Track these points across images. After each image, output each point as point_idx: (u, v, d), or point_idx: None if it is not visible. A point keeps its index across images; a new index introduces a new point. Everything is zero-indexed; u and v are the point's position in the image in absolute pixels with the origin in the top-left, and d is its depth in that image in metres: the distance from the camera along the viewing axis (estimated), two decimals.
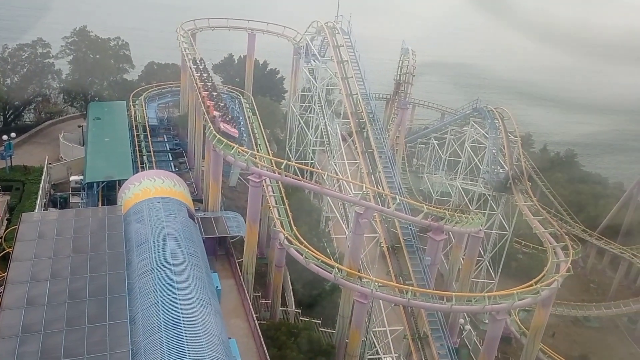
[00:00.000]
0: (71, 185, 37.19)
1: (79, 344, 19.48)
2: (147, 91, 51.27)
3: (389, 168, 33.86)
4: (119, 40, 52.17)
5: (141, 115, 46.02)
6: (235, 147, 25.78)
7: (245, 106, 46.57)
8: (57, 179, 39.42)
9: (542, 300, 26.62)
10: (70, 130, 45.95)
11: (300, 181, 25.71)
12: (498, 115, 39.48)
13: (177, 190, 30.10)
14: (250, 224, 27.41)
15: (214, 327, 21.80)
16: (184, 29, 45.79)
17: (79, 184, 36.42)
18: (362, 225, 25.82)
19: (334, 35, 38.52)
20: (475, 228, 30.39)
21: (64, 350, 18.96)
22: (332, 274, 25.55)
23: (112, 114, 43.04)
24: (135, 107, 47.31)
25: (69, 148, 42.96)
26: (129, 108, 46.22)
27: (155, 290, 22.60)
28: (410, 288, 25.27)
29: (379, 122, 37.57)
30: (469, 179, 44.83)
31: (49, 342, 19.25)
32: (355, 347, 26.76)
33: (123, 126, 41.68)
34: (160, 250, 24.93)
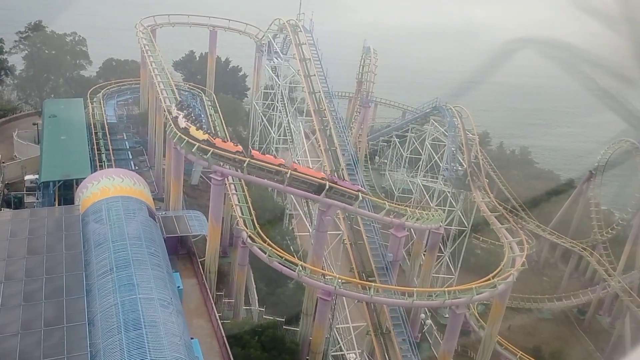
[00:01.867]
0: (26, 185, 36.06)
1: (34, 347, 18.97)
2: (106, 88, 50.16)
3: (351, 166, 34.16)
4: (75, 35, 50.87)
5: (99, 113, 44.98)
6: (197, 144, 25.54)
7: (207, 104, 46.12)
8: (11, 179, 38.20)
9: (499, 294, 27.41)
10: (24, 128, 44.54)
11: (263, 180, 25.64)
12: (457, 114, 40.32)
13: (137, 189, 29.60)
14: (212, 223, 27.21)
15: (175, 328, 21.58)
16: (144, 25, 44.98)
17: (34, 184, 35.39)
18: (326, 222, 26.00)
19: (296, 33, 38.55)
20: (435, 224, 30.99)
21: (19, 354, 18.45)
22: (295, 272, 25.64)
23: (68, 112, 41.85)
24: (93, 104, 46.20)
25: (23, 146, 41.67)
26: (86, 105, 45.11)
27: (115, 291, 22.21)
28: (372, 284, 25.61)
29: (342, 121, 37.85)
30: (430, 176, 45.62)
31: (3, 346, 18.70)
32: (319, 344, 26.94)
33: (80, 124, 40.60)
34: (120, 250, 24.49)
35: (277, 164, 24.98)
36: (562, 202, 57.07)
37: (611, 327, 46.35)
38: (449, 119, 39.93)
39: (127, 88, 51.50)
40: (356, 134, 49.47)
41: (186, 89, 50.25)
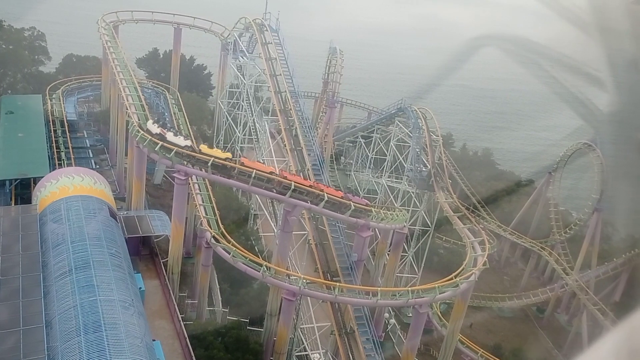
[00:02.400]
0: None
1: None
2: (66, 85, 48.86)
3: (317, 166, 34.20)
4: (34, 30, 49.37)
5: (59, 110, 43.77)
6: (160, 143, 25.12)
7: (170, 102, 45.43)
8: None
9: (461, 293, 27.88)
10: None
11: (228, 179, 25.41)
12: (421, 115, 40.83)
13: (98, 188, 28.97)
14: (175, 223, 26.82)
15: (137, 329, 21.28)
16: (106, 21, 43.99)
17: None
18: (291, 222, 25.95)
19: (262, 32, 38.36)
20: (399, 224, 31.31)
21: None
22: (260, 273, 25.51)
23: (26, 108, 40.62)
24: (52, 101, 44.93)
25: None
26: (45, 102, 43.86)
27: (74, 292, 21.77)
28: (337, 284, 25.70)
29: (308, 121, 37.84)
30: (394, 177, 46.05)
31: None
32: (283, 345, 26.88)
33: (39, 121, 39.48)
34: (80, 251, 23.99)
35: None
36: (522, 202, 58.41)
37: (568, 325, 47.71)
38: (414, 120, 40.42)
39: (88, 85, 50.27)
40: (322, 134, 49.55)
41: (149, 86, 49.41)
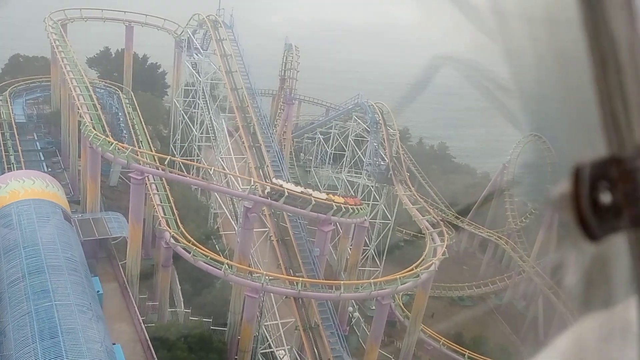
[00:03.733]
0: None
1: None
2: (13, 86, 47.08)
3: (277, 162, 34.09)
4: None
5: (6, 112, 42.22)
6: (114, 143, 24.53)
7: (124, 101, 44.40)
8: None
9: (422, 283, 28.35)
10: None
11: (185, 177, 25.05)
12: (378, 110, 41.22)
13: (50, 191, 28.14)
14: (133, 224, 26.27)
15: (95, 334, 20.87)
16: (53, 20, 42.60)
17: None
18: (251, 219, 25.79)
19: (216, 29, 37.91)
20: (360, 218, 31.54)
21: None
22: (221, 271, 25.26)
23: None
24: None
25: None
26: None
27: (28, 298, 21.20)
28: (300, 279, 25.70)
29: (266, 118, 37.61)
30: (354, 172, 46.36)
31: None
32: (247, 342, 26.72)
33: None
34: (33, 256, 23.33)
35: None
36: (478, 194, 59.78)
37: (525, 310, 49.16)
38: (371, 115, 40.78)
39: (36, 86, 48.62)
40: (280, 131, 49.44)
41: (102, 86, 48.19)
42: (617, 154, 0.79)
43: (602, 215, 0.79)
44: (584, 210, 0.79)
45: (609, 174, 0.77)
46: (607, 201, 0.78)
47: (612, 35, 0.77)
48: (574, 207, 0.80)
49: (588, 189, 0.79)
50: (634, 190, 0.77)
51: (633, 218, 0.78)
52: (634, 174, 0.77)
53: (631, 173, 0.77)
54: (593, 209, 0.79)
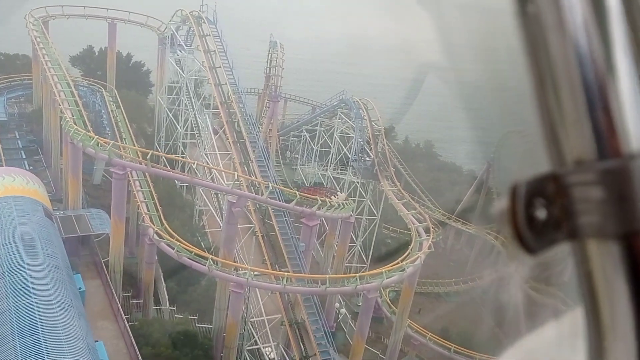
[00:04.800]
0: None
1: None
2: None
3: (261, 158, 33.91)
4: None
5: None
6: (95, 137, 24.21)
7: (107, 99, 43.96)
8: None
9: (408, 277, 28.30)
10: None
11: (168, 172, 24.80)
12: (363, 106, 41.20)
13: (31, 188, 27.76)
14: (115, 219, 25.94)
15: (77, 331, 20.64)
16: (34, 17, 42.05)
17: None
18: (236, 214, 25.58)
19: (199, 25, 37.64)
20: (346, 213, 31.47)
21: None
22: (206, 266, 25.03)
23: None
24: None
25: None
26: None
27: (8, 296, 20.94)
28: (285, 274, 25.54)
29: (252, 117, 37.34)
30: (340, 168, 46.30)
31: None
32: (233, 339, 26.49)
33: None
34: (13, 253, 23.05)
35: None
36: (464, 191, 60.02)
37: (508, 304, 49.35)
38: (355, 111, 40.74)
39: (18, 84, 47.96)
40: (266, 129, 49.24)
41: (85, 84, 47.69)
42: (555, 170, 0.85)
43: (539, 230, 0.85)
44: (520, 225, 0.86)
45: (546, 191, 0.84)
46: (543, 217, 0.85)
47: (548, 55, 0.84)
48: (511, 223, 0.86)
49: (523, 205, 0.85)
50: (569, 204, 0.83)
51: (570, 231, 0.85)
52: (570, 190, 0.83)
53: (567, 189, 0.83)
54: (529, 225, 0.86)
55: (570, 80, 0.84)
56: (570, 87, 0.84)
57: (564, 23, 0.83)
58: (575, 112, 0.84)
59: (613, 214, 0.80)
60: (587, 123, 0.83)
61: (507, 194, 0.88)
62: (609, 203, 0.80)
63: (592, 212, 0.82)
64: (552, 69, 0.84)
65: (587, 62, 0.82)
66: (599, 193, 0.81)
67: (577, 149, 0.84)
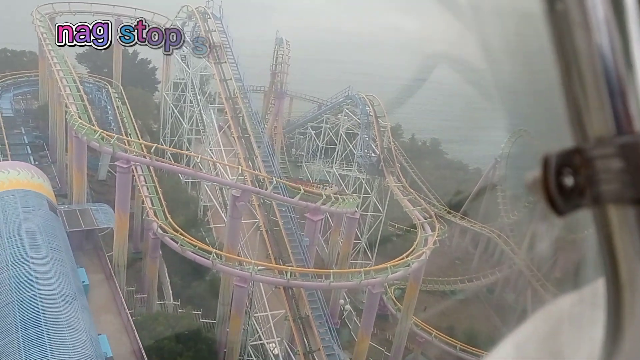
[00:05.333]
0: None
1: None
2: (0, 81, 46.57)
3: (266, 154, 33.82)
4: None
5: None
6: (99, 131, 24.20)
7: (113, 96, 44.00)
8: None
9: (413, 272, 28.09)
10: None
11: (172, 165, 24.75)
12: (369, 102, 41.02)
13: (36, 182, 27.82)
14: (119, 213, 25.92)
15: (80, 324, 20.66)
16: (41, 13, 42.15)
17: None
18: (240, 208, 25.48)
19: (205, 21, 37.62)
20: (351, 209, 31.30)
21: None
22: (210, 260, 24.95)
23: None
24: None
25: None
26: None
27: (12, 288, 20.96)
28: (289, 268, 25.41)
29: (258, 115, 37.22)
30: (345, 165, 46.13)
31: None
32: (237, 334, 26.40)
33: None
34: (17, 246, 23.09)
35: None
36: (470, 189, 59.73)
37: (515, 303, 49.12)
38: (361, 106, 40.57)
39: (24, 80, 48.15)
40: (271, 126, 49.13)
41: (91, 81, 47.76)
42: (580, 145, 1.01)
43: (567, 195, 1.00)
44: (551, 191, 1.00)
45: (573, 162, 0.99)
46: (570, 184, 1.00)
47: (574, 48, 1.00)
48: (543, 189, 1.00)
49: (554, 174, 1.00)
50: (593, 174, 0.98)
51: (594, 197, 0.99)
52: (593, 161, 0.98)
53: (591, 161, 0.98)
54: (559, 190, 1.00)
55: (593, 70, 0.98)
56: (593, 76, 0.98)
57: (588, 20, 0.98)
58: (597, 97, 0.99)
59: (630, 182, 0.94)
60: (607, 106, 0.98)
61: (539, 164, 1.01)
62: (626, 173, 0.94)
63: (612, 181, 0.96)
64: (578, 60, 0.99)
65: (607, 55, 0.97)
66: (618, 164, 0.95)
67: (598, 128, 0.99)
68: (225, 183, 25.87)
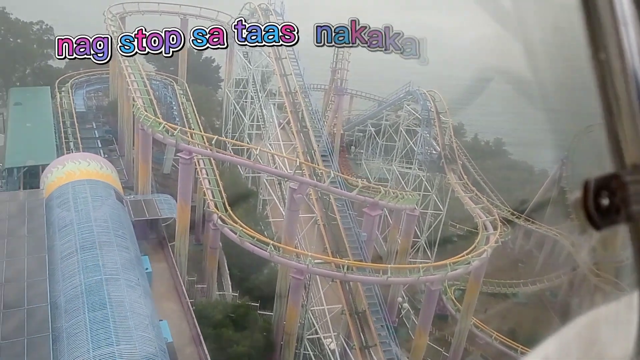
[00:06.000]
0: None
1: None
2: (75, 78, 48.99)
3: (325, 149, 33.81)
4: (42, 24, 49.54)
5: (67, 102, 43.93)
6: (163, 123, 24.91)
7: (178, 92, 45.35)
8: None
9: (474, 271, 27.27)
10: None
11: (232, 157, 25.15)
12: (430, 97, 40.24)
13: (105, 172, 28.94)
14: (181, 203, 26.59)
15: (143, 308, 21.22)
16: (112, 13, 43.96)
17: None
18: (297, 200, 25.55)
19: (267, 17, 38.06)
20: (410, 205, 30.77)
21: None
22: (267, 252, 25.16)
23: (35, 100, 40.86)
24: (62, 94, 45.08)
25: None
26: (54, 95, 44.03)
27: (80, 272, 21.81)
28: (346, 262, 25.24)
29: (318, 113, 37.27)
30: (405, 162, 45.47)
31: None
32: (293, 325, 26.51)
33: (46, 112, 39.67)
34: (86, 232, 24.02)
35: None
36: (535, 191, 57.53)
37: (579, 307, 46.82)
38: (422, 102, 39.85)
39: (96, 78, 50.42)
40: (331, 123, 49.13)
41: (158, 79, 49.41)
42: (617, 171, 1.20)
43: (603, 213, 1.18)
44: (590, 209, 1.19)
45: (610, 185, 1.17)
46: (606, 204, 1.18)
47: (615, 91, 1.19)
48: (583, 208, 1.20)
49: (593, 195, 1.19)
50: (627, 196, 1.15)
51: (628, 215, 1.16)
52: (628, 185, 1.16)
53: (626, 184, 1.16)
54: (596, 209, 1.18)
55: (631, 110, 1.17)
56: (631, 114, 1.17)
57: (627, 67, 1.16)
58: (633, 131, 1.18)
59: None
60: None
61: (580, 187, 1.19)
62: None
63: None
64: (618, 100, 1.18)
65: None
66: None
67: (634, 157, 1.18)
68: (283, 175, 26.04)
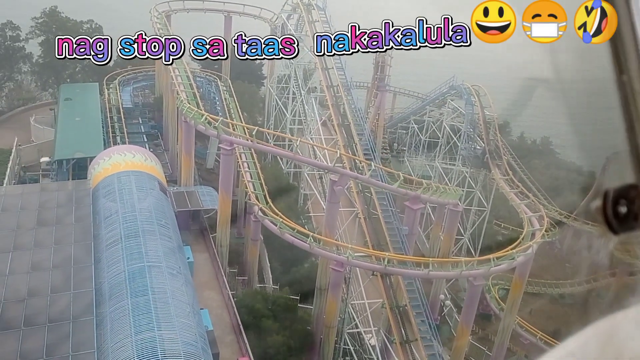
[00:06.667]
0: (42, 167, 36.27)
1: (40, 312, 19.19)
2: (122, 75, 50.27)
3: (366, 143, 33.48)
4: (92, 23, 51.10)
5: (115, 98, 45.11)
6: (205, 115, 25.18)
7: (222, 89, 45.92)
8: (27, 162, 38.45)
9: (519, 267, 26.44)
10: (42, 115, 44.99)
11: (272, 148, 25.20)
12: (474, 92, 39.34)
13: (149, 164, 29.52)
14: (222, 195, 26.83)
15: (184, 296, 21.51)
16: (158, 11, 44.89)
17: (49, 165, 35.59)
18: (337, 192, 25.36)
19: (309, 12, 38.06)
20: (453, 200, 30.11)
21: (24, 319, 18.58)
22: (307, 243, 25.06)
23: (84, 95, 42.18)
24: (110, 90, 46.35)
25: (40, 131, 41.97)
26: (102, 91, 45.31)
27: (123, 259, 22.31)
28: (386, 255, 24.87)
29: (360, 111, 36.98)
30: (448, 159, 44.66)
31: (10, 311, 18.90)
32: (333, 318, 26.33)
33: (95, 107, 40.85)
34: (130, 221, 24.55)
35: None
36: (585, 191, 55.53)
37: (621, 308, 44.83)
38: (466, 96, 39.01)
39: (143, 75, 51.59)
40: (373, 119, 48.67)
41: (202, 76, 50.16)
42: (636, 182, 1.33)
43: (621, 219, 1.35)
44: (609, 216, 1.36)
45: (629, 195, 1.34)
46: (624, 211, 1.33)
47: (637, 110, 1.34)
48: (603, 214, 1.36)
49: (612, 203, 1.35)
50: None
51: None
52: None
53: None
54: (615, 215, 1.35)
55: None
56: None
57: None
58: None
59: None
60: None
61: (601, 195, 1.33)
62: None
63: None
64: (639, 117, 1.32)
65: None
66: None
67: None
68: (323, 167, 25.92)
